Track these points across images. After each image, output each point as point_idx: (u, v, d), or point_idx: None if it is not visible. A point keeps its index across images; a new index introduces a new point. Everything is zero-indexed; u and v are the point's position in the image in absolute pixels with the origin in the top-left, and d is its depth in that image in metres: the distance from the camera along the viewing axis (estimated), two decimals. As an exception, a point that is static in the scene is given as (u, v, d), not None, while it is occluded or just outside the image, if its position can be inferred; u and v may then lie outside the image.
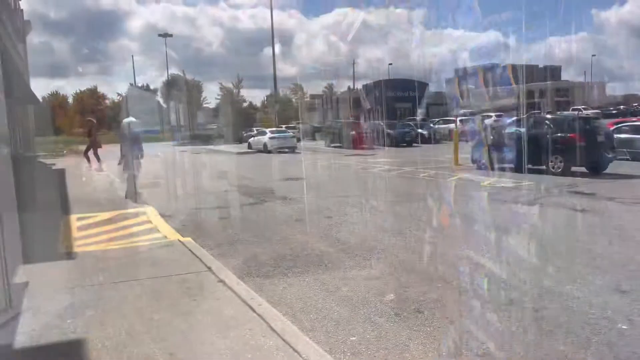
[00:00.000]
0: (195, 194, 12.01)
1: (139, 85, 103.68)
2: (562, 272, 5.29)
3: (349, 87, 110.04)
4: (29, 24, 24.17)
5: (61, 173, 10.51)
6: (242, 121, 52.09)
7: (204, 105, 56.00)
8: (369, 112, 61.04)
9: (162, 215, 8.82)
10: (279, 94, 77.05)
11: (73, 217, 8.58)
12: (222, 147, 38.30)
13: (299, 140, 40.21)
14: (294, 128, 47.24)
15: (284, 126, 44.43)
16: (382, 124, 34.17)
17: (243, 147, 34.99)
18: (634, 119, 24.76)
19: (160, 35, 67.53)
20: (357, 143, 30.32)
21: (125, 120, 10.66)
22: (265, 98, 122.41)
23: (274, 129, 33.47)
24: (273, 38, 38.12)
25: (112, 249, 6.29)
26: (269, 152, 28.58)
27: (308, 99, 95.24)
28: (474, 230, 7.32)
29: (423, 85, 73.26)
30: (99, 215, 8.76)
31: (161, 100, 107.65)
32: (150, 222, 8.10)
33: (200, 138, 50.82)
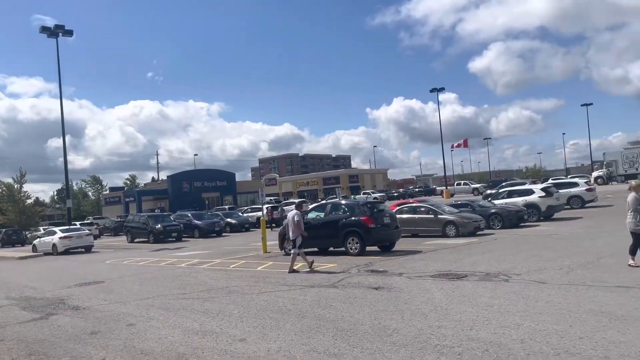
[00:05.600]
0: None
1: None
2: (366, 352, 5.60)
3: (153, 178, 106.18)
4: None
5: None
6: (25, 220, 45.69)
7: (-24, 204, 47.73)
8: (175, 203, 59.43)
9: None
10: (72, 187, 70.13)
11: None
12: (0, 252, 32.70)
13: (96, 237, 36.72)
14: (90, 224, 43.18)
15: (78, 223, 40.33)
16: (189, 215, 33.46)
17: (27, 250, 30.45)
18: (411, 200, 28.92)
19: None
20: (163, 237, 28.98)
21: None
22: (55, 193, 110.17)
23: (66, 227, 29.81)
24: (63, 127, 34.77)
25: None
26: (60, 253, 25.29)
27: (107, 192, 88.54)
28: (277, 319, 7.38)
29: (230, 175, 75.12)
30: None
31: None
32: None
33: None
